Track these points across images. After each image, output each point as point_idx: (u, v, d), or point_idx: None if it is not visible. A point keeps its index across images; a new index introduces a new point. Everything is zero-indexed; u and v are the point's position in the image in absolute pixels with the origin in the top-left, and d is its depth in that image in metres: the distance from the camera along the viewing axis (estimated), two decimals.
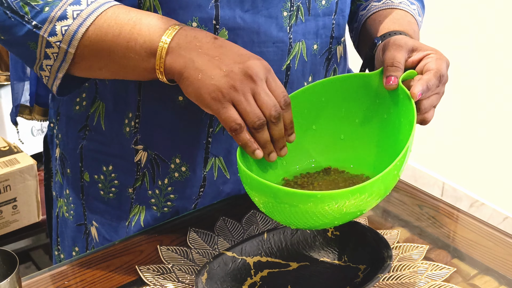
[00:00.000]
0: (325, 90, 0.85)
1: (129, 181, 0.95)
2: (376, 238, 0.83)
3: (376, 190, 0.71)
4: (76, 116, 0.97)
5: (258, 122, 0.76)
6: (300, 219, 0.73)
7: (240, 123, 0.76)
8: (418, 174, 2.69)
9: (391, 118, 0.83)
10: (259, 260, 0.83)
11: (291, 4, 0.88)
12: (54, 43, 0.79)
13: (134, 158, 0.94)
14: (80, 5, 0.79)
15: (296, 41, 0.91)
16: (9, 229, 1.77)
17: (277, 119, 0.77)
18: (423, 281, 0.81)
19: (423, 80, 0.81)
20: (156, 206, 0.96)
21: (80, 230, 1.02)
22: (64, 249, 1.06)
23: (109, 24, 0.79)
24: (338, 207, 0.70)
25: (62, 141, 1.01)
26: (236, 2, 0.84)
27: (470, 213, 1.00)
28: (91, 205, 0.99)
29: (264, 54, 0.88)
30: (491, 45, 2.31)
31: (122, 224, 0.97)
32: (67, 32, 0.79)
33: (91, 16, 0.79)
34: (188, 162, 0.93)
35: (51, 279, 0.83)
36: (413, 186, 1.06)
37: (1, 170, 1.70)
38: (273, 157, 0.79)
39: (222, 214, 0.95)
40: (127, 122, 0.92)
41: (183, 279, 0.82)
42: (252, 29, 0.86)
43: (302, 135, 0.85)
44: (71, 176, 1.01)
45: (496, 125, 2.37)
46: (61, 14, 0.78)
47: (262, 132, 0.77)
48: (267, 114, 0.76)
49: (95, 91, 0.94)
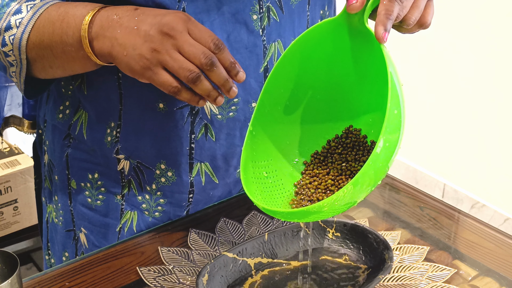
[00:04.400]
0: (299, 55, 0.79)
1: (116, 188, 0.95)
2: (377, 239, 0.83)
3: (366, 180, 0.68)
4: (60, 124, 0.97)
5: (191, 76, 0.74)
6: (307, 220, 0.73)
7: (176, 85, 0.75)
8: (419, 176, 2.69)
9: (371, 69, 0.77)
10: (260, 261, 0.83)
11: (260, 6, 0.87)
12: (9, 52, 0.84)
13: (117, 166, 0.94)
14: (21, 13, 0.83)
15: (270, 42, 0.89)
16: (10, 230, 1.77)
17: (211, 65, 0.75)
18: (424, 282, 0.81)
19: (381, 16, 0.70)
20: (148, 211, 0.96)
21: (70, 236, 1.01)
22: (54, 253, 1.06)
23: (44, 24, 0.82)
24: (338, 204, 0.69)
25: (49, 148, 1.01)
26: (202, 12, 0.84)
27: (471, 214, 1.00)
28: (79, 212, 0.99)
29: (239, 61, 0.87)
30: (493, 46, 2.31)
31: (111, 230, 0.97)
32: (14, 40, 0.83)
33: (31, 22, 0.82)
34: (174, 168, 0.92)
35: (52, 281, 0.83)
36: (414, 188, 1.06)
37: (2, 171, 1.70)
38: (219, 101, 0.78)
39: (223, 215, 0.95)
40: (109, 132, 0.92)
41: (184, 280, 0.82)
42: (222, 37, 0.85)
43: (300, 113, 0.82)
44: (59, 183, 1.00)
45: (497, 127, 2.37)
46: (6, 25, 0.83)
47: (200, 84, 0.75)
48: (198, 64, 0.74)
49: (78, 101, 0.94)
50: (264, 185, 0.81)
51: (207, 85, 0.76)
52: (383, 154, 0.67)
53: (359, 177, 0.66)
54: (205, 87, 0.76)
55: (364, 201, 1.01)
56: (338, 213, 0.72)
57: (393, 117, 0.67)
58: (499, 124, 2.36)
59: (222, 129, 0.91)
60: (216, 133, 0.91)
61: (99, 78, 0.89)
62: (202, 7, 0.83)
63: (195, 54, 0.75)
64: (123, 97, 0.89)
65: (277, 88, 0.80)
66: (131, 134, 0.91)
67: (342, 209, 0.71)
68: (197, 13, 0.83)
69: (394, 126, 0.68)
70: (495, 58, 2.31)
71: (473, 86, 2.41)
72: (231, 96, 0.78)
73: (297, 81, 0.81)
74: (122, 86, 0.89)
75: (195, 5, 0.83)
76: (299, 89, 0.82)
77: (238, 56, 0.87)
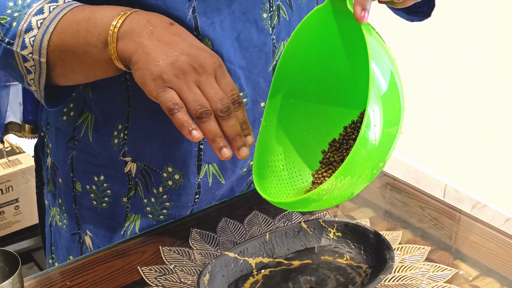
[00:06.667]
0: (301, 46, 0.79)
1: (123, 191, 0.95)
2: (378, 239, 0.83)
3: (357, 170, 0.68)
4: (64, 127, 0.96)
5: (201, 110, 0.70)
6: (311, 209, 0.73)
7: (177, 103, 0.71)
8: (420, 176, 2.69)
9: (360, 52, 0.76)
10: (261, 261, 0.83)
11: (270, 4, 0.86)
12: (28, 56, 0.80)
13: (124, 169, 0.93)
14: (43, 14, 0.79)
15: (280, 41, 0.89)
16: (11, 229, 1.77)
17: (225, 113, 0.72)
18: (425, 282, 0.81)
19: None
20: (152, 214, 0.95)
21: (74, 239, 1.01)
22: (58, 257, 1.05)
23: (68, 24, 0.79)
24: (336, 189, 0.68)
25: (52, 151, 1.00)
26: (213, 11, 0.83)
27: (472, 214, 1.00)
28: (84, 215, 0.98)
29: (248, 59, 0.87)
30: (497, 47, 2.31)
31: (117, 233, 0.97)
32: (35, 42, 0.79)
33: (53, 22, 0.79)
34: (181, 170, 0.92)
35: (53, 280, 0.83)
36: (415, 188, 1.06)
37: (3, 170, 1.70)
38: (225, 153, 0.71)
39: (224, 215, 0.95)
40: (116, 134, 0.91)
41: (185, 280, 0.82)
42: (232, 36, 0.85)
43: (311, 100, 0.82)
44: (63, 186, 0.99)
45: (499, 127, 2.37)
46: (27, 26, 0.79)
47: (208, 121, 0.71)
48: (213, 106, 0.71)
49: (83, 103, 0.93)
50: (280, 178, 0.81)
51: (215, 128, 0.71)
52: (373, 134, 0.66)
53: (351, 157, 0.66)
54: (212, 127, 0.71)
55: (365, 201, 1.01)
56: (340, 201, 0.72)
57: (379, 97, 0.66)
58: (501, 124, 2.36)
59: None
60: None
61: (104, 80, 0.86)
62: (213, 6, 0.83)
63: (213, 96, 0.72)
64: (131, 99, 0.89)
65: (286, 81, 0.80)
66: (139, 137, 0.90)
67: (343, 194, 0.70)
68: (208, 11, 0.82)
69: (384, 105, 0.66)
70: (498, 58, 2.31)
71: (475, 86, 2.41)
72: (241, 157, 0.73)
73: (305, 72, 0.81)
74: (130, 88, 0.88)
75: (206, 4, 0.82)
76: (308, 80, 0.82)
77: (247, 55, 0.87)
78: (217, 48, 0.84)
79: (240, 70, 0.87)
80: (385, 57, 0.69)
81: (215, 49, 0.84)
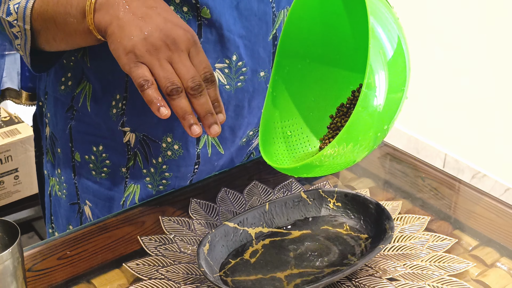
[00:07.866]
0: (307, 10, 0.78)
1: (122, 161, 0.95)
2: (378, 209, 0.83)
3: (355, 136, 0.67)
4: (62, 96, 0.96)
5: (171, 87, 0.71)
6: (314, 174, 0.73)
7: (148, 79, 0.71)
8: (420, 146, 2.69)
9: None
10: (260, 231, 0.83)
11: None
12: (13, 22, 0.82)
13: (123, 139, 0.93)
14: None
15: (280, 9, 0.88)
16: (11, 199, 1.77)
17: (196, 90, 0.72)
18: (424, 252, 0.82)
19: None
20: (151, 184, 0.95)
21: (74, 209, 1.01)
22: (58, 227, 1.05)
23: None
24: (338, 154, 0.68)
25: (51, 121, 1.00)
26: None
27: (472, 184, 0.99)
28: (84, 185, 0.98)
29: (248, 28, 0.86)
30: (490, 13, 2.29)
31: (116, 203, 0.97)
32: (19, 9, 0.81)
33: None
34: (181, 141, 0.92)
35: (53, 250, 0.83)
36: (415, 158, 1.05)
37: (2, 140, 1.70)
38: (195, 130, 0.72)
39: (224, 185, 0.95)
40: (114, 104, 0.91)
41: (185, 250, 0.82)
42: (231, 4, 0.84)
43: None
44: (62, 156, 0.99)
45: (499, 97, 2.36)
46: None
47: (178, 99, 0.71)
48: (184, 84, 0.72)
49: (81, 72, 0.93)
50: (288, 144, 0.81)
51: (185, 105, 0.72)
52: (373, 95, 0.65)
53: (352, 120, 0.65)
54: (182, 104, 0.71)
55: (365, 171, 1.01)
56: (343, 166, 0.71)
57: (382, 56, 0.65)
58: (500, 94, 2.35)
59: (230, 101, 0.90)
60: (225, 104, 0.90)
61: (103, 49, 0.86)
62: None
63: (184, 74, 0.72)
64: None
65: (292, 47, 0.79)
66: (137, 106, 0.90)
67: (346, 160, 0.70)
68: None
69: (388, 65, 0.65)
70: (495, 25, 2.29)
71: (474, 55, 2.39)
72: (212, 134, 0.73)
73: (310, 37, 0.80)
74: None
75: None
76: (314, 44, 0.81)
77: (247, 24, 0.86)
78: (216, 17, 0.83)
79: (240, 39, 0.86)
80: (387, 15, 0.67)
81: (214, 17, 0.83)
